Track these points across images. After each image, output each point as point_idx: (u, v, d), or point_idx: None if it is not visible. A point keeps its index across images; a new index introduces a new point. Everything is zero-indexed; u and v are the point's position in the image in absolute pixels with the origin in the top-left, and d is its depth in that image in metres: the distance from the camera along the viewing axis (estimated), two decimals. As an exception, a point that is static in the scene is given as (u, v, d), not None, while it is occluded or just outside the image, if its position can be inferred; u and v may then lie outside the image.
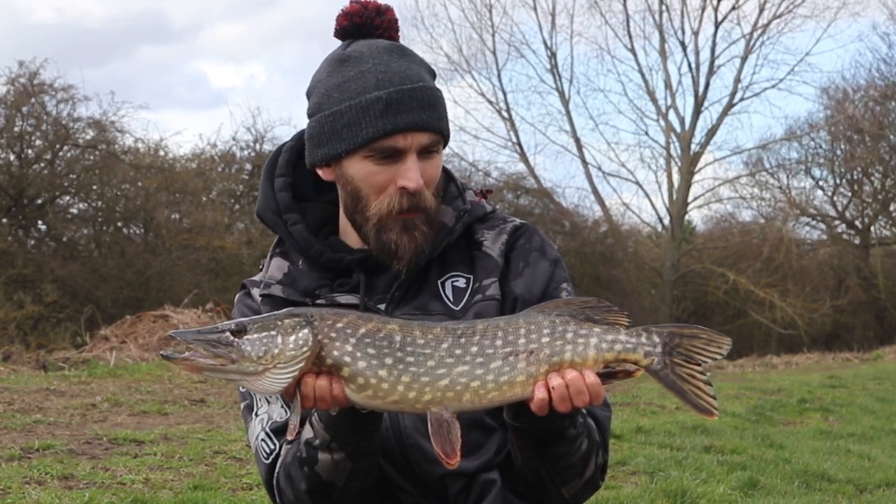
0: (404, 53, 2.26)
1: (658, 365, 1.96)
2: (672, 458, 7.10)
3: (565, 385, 1.93)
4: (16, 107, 18.86)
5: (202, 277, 19.23)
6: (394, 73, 2.20)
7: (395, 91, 2.17)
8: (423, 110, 2.18)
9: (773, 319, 26.19)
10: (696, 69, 28.76)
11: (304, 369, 1.90)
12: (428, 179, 2.20)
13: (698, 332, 1.99)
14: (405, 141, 2.17)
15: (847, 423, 9.85)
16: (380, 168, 2.18)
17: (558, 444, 2.11)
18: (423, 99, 2.19)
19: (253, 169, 22.20)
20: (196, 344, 1.88)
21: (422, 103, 2.18)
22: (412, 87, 2.19)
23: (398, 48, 2.26)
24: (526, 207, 26.21)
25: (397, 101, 2.17)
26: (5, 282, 17.54)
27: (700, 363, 1.97)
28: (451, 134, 2.30)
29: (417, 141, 2.17)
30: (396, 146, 2.17)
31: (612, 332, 1.97)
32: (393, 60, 2.22)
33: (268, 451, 2.23)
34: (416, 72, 2.23)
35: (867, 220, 30.18)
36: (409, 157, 2.17)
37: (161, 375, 10.51)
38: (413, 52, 2.29)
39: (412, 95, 2.18)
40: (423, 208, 2.19)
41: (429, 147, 2.20)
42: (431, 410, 1.92)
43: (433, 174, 2.22)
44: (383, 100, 2.16)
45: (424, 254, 2.22)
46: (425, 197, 2.19)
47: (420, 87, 2.20)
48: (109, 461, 6.09)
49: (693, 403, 1.96)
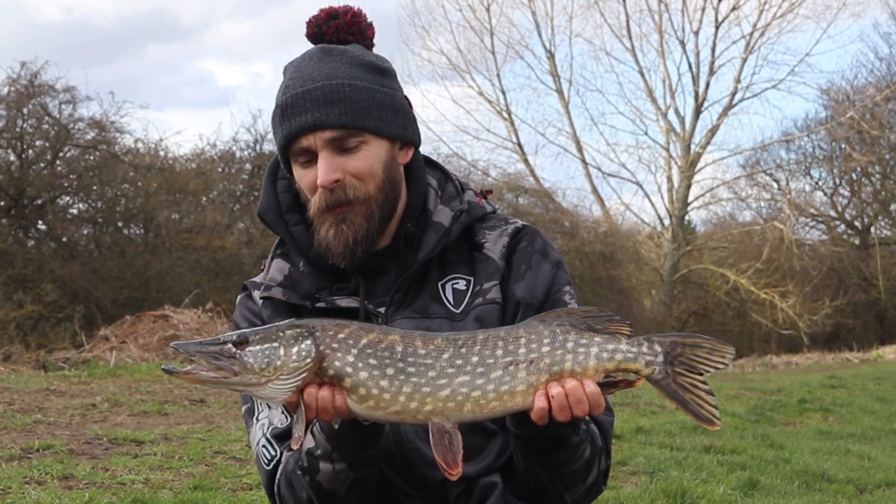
0: (327, 54, 2.25)
1: (659, 374, 1.96)
2: (672, 458, 7.10)
3: (565, 394, 1.92)
4: (17, 107, 18.86)
5: (202, 277, 19.22)
6: (300, 77, 2.22)
7: (290, 96, 2.21)
8: (318, 109, 2.18)
9: (774, 320, 26.19)
10: (695, 69, 28.84)
11: (306, 380, 1.90)
12: (354, 172, 2.19)
13: (701, 342, 1.98)
14: (308, 141, 2.19)
15: (847, 424, 9.85)
16: (304, 170, 2.22)
17: (561, 452, 2.10)
18: (318, 98, 2.19)
19: (253, 169, 22.18)
20: (198, 356, 1.88)
21: (316, 102, 2.18)
22: (309, 89, 2.19)
23: (322, 51, 2.26)
24: (526, 207, 26.19)
25: (291, 105, 2.20)
26: (5, 282, 17.53)
27: (702, 373, 1.96)
28: (452, 134, 2.29)
29: (320, 139, 2.18)
30: (302, 147, 2.19)
31: (613, 342, 1.96)
32: (310, 65, 2.24)
33: (269, 457, 2.23)
34: (327, 71, 2.22)
35: (867, 220, 30.19)
36: (319, 155, 2.18)
37: (161, 376, 10.50)
38: (347, 51, 2.26)
39: (305, 97, 2.19)
40: (348, 201, 2.19)
41: (338, 141, 2.18)
42: (433, 421, 1.92)
43: (358, 166, 2.19)
44: (280, 107, 2.22)
45: (360, 245, 2.21)
46: (349, 189, 2.18)
47: (318, 87, 2.19)
48: (109, 461, 6.09)
49: (695, 413, 1.95)
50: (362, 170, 2.20)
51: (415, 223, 2.28)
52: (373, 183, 2.21)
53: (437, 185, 2.35)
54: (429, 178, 2.35)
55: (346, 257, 2.21)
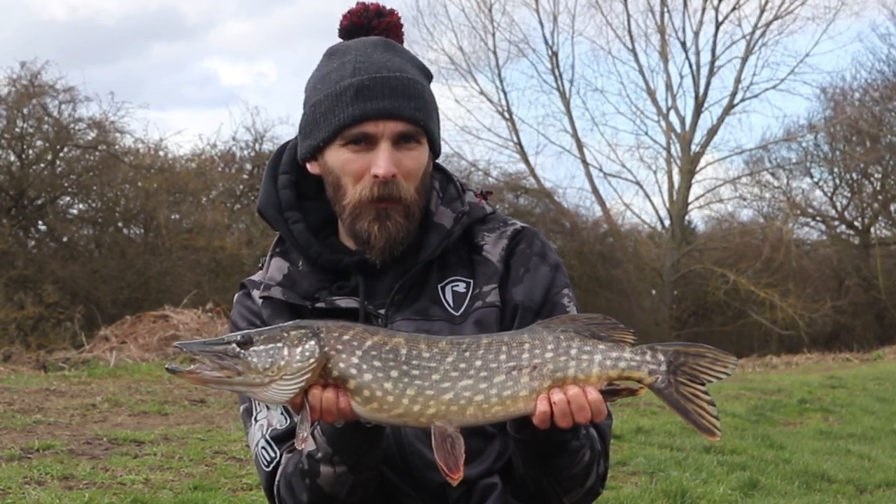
0: (391, 48, 2.24)
1: (662, 383, 1.96)
2: (672, 458, 7.09)
3: (567, 401, 1.92)
4: (17, 107, 18.88)
5: (202, 278, 19.23)
6: (372, 62, 2.18)
7: (368, 78, 2.16)
8: (396, 98, 2.15)
9: (774, 320, 26.18)
10: (696, 69, 28.80)
11: (310, 381, 1.90)
12: (405, 171, 2.17)
13: (704, 351, 1.98)
14: (376, 128, 2.15)
15: (847, 424, 9.84)
16: (355, 156, 2.17)
17: (561, 457, 2.10)
18: (397, 87, 2.16)
19: (253, 169, 22.20)
20: (202, 356, 1.87)
21: (395, 91, 2.16)
22: (386, 76, 2.16)
23: (386, 43, 2.25)
24: (526, 207, 26.21)
25: (368, 87, 2.15)
26: (6, 282, 17.54)
27: (704, 382, 1.96)
28: (453, 133, 2.29)
29: (390, 129, 2.15)
30: (367, 132, 2.15)
31: (617, 350, 1.96)
32: (376, 52, 2.21)
33: (268, 459, 2.22)
34: (398, 64, 2.20)
35: (867, 220, 30.16)
36: (381, 144, 2.15)
37: (161, 376, 10.50)
38: (406, 50, 2.27)
39: (385, 83, 2.16)
40: (398, 198, 2.16)
41: (404, 136, 2.16)
42: (435, 424, 1.92)
43: (411, 166, 2.18)
44: (354, 86, 2.16)
45: (399, 245, 2.19)
46: (400, 187, 2.16)
47: (396, 77, 2.17)
48: (109, 461, 6.09)
49: (696, 423, 1.96)
50: (412, 170, 2.19)
51: (416, 224, 2.26)
52: (415, 185, 2.20)
53: (438, 185, 2.34)
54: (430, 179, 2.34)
55: (384, 253, 2.19)
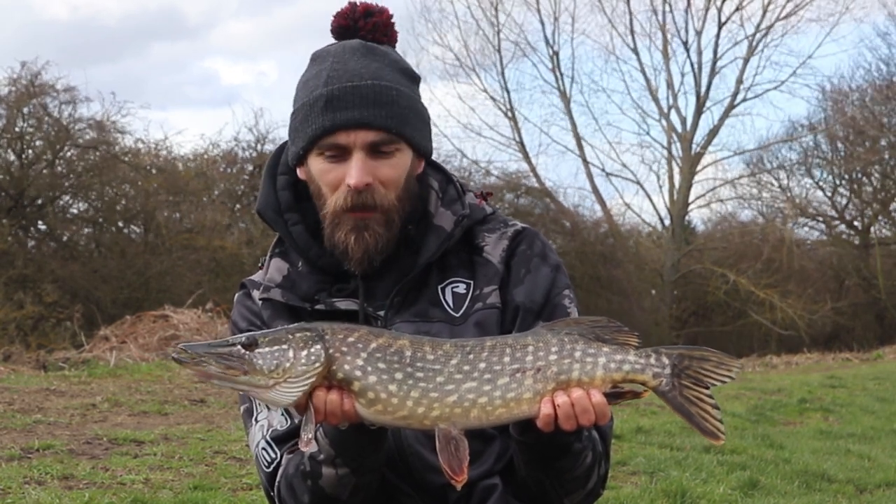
0: (370, 52, 2.21)
1: (666, 386, 1.96)
2: (672, 458, 7.10)
3: (570, 403, 1.92)
4: (17, 107, 18.88)
5: (202, 277, 19.22)
6: (346, 70, 2.17)
7: (338, 88, 2.14)
8: (367, 107, 2.13)
9: (774, 320, 26.17)
10: (698, 70, 28.79)
11: (314, 384, 1.90)
12: (383, 179, 2.15)
13: (708, 355, 1.98)
14: (348, 138, 2.13)
15: (847, 423, 9.84)
16: (331, 166, 2.16)
17: (564, 459, 2.10)
18: (368, 96, 2.14)
19: (254, 169, 22.17)
20: (207, 357, 1.87)
21: (365, 100, 2.14)
22: (356, 85, 2.14)
23: (366, 47, 2.22)
24: (526, 207, 26.19)
25: (338, 97, 2.14)
26: (6, 282, 17.54)
27: (708, 386, 1.96)
28: (456, 130, 2.27)
29: (361, 138, 2.13)
30: (338, 143, 2.14)
31: (621, 353, 1.96)
32: (353, 59, 2.19)
33: (268, 459, 2.22)
34: (374, 70, 2.18)
35: (867, 220, 30.15)
36: (354, 154, 2.14)
37: (161, 375, 10.51)
38: (388, 53, 2.24)
39: (354, 92, 2.14)
40: (373, 207, 2.15)
41: (378, 145, 2.15)
42: (439, 427, 1.92)
43: (388, 173, 2.16)
44: (324, 97, 2.15)
45: (378, 256, 2.18)
46: (376, 195, 2.14)
47: (367, 85, 2.15)
48: (109, 461, 6.09)
49: (700, 426, 1.96)
50: (390, 177, 2.17)
51: (415, 226, 2.26)
52: (395, 192, 2.18)
53: (438, 186, 2.33)
54: (430, 179, 2.33)
55: (362, 264, 2.18)
